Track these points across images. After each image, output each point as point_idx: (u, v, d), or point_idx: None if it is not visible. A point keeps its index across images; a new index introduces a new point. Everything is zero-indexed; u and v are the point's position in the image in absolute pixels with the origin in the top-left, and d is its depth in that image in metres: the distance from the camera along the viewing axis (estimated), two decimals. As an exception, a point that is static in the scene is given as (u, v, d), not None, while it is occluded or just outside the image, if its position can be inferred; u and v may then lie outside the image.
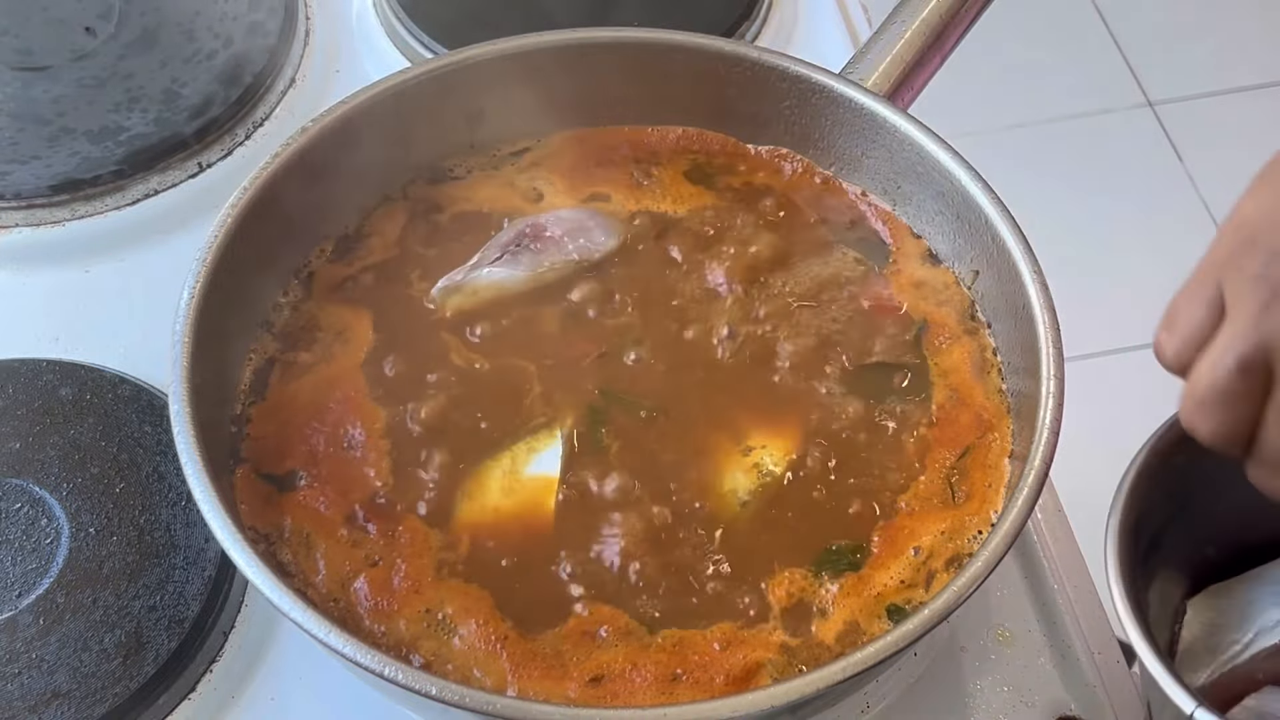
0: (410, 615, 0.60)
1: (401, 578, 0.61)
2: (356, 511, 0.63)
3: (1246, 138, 2.20)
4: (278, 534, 0.62)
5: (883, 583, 0.61)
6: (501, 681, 0.58)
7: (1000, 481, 0.63)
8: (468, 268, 0.71)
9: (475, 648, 0.59)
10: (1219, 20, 2.36)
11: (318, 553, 0.61)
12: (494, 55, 0.73)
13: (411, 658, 0.58)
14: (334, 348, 0.68)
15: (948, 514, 0.63)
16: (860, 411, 0.66)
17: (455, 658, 0.59)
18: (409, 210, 0.74)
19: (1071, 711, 0.66)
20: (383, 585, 0.60)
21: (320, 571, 0.61)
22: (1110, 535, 0.63)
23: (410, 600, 0.60)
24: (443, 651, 0.59)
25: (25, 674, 0.64)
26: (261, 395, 0.67)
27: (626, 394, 0.67)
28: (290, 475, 0.64)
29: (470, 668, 0.58)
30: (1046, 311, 0.63)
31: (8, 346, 0.77)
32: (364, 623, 0.60)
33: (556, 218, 0.73)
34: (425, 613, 0.60)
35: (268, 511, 0.63)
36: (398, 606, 0.60)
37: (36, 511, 0.69)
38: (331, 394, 0.66)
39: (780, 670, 0.58)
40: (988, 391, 0.67)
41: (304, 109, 0.89)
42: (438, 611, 0.60)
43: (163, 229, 0.83)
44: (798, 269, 0.72)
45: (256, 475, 0.64)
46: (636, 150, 0.77)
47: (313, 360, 0.68)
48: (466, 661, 0.58)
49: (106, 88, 0.87)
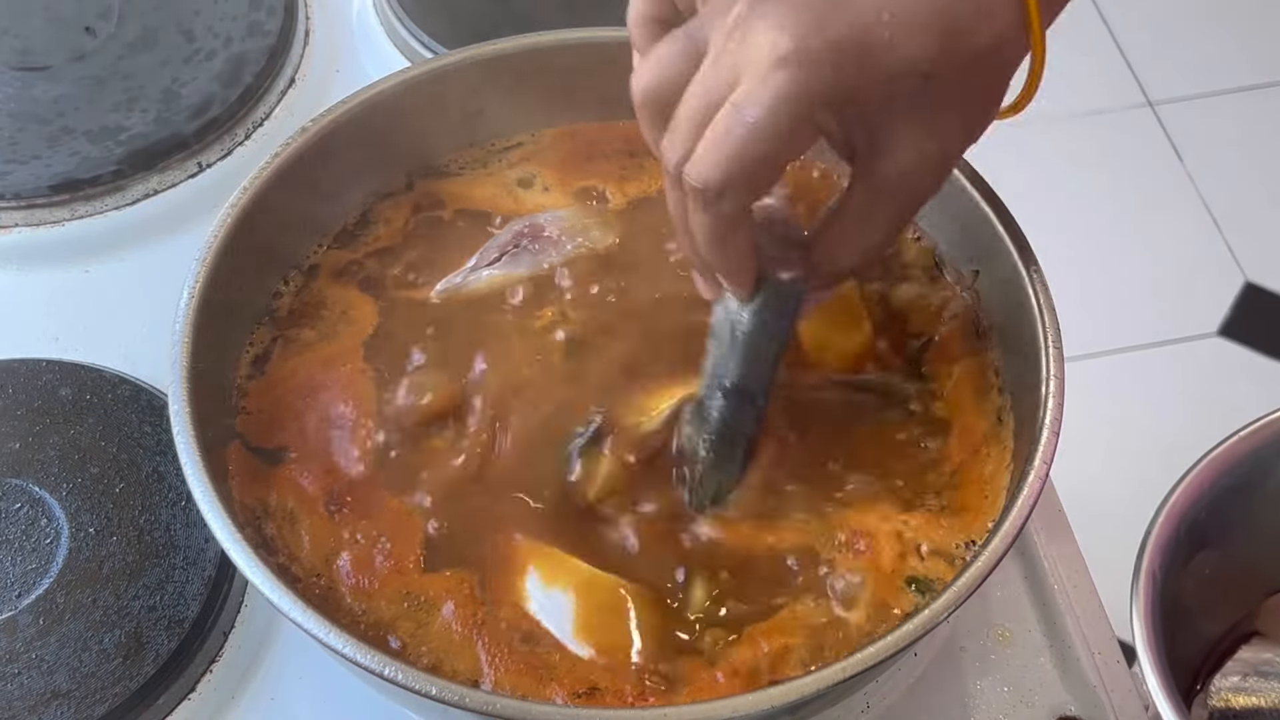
0: (391, 595, 0.60)
1: (384, 557, 0.61)
2: (339, 490, 0.63)
3: (1246, 138, 2.21)
4: (263, 508, 0.62)
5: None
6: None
7: (998, 491, 0.63)
8: (467, 270, 0.71)
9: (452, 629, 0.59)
10: (1219, 20, 2.36)
11: (302, 529, 0.62)
12: (494, 55, 0.73)
13: (389, 639, 0.59)
14: (338, 326, 0.69)
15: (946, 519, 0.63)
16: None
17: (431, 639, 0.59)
18: (412, 204, 0.74)
19: (1071, 711, 0.66)
20: (365, 564, 0.61)
21: (305, 547, 0.61)
22: (1137, 588, 0.63)
23: (391, 580, 0.60)
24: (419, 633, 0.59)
25: (25, 674, 0.64)
26: (261, 371, 0.67)
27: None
28: (280, 450, 0.64)
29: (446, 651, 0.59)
30: (1046, 312, 0.63)
31: (7, 346, 0.77)
32: (345, 600, 0.60)
33: (553, 217, 0.73)
34: (406, 594, 0.60)
35: (255, 486, 0.63)
36: (379, 585, 0.60)
37: (36, 511, 0.69)
38: (329, 372, 0.67)
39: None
40: (986, 410, 0.66)
41: (304, 109, 0.89)
42: (419, 595, 0.60)
43: (163, 229, 0.83)
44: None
45: (246, 449, 0.64)
46: (630, 144, 0.76)
47: (315, 338, 0.68)
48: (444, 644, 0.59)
49: (106, 88, 0.87)
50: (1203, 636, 0.72)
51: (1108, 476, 1.59)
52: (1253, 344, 1.95)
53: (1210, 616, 0.72)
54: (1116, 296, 1.99)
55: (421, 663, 0.58)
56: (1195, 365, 1.92)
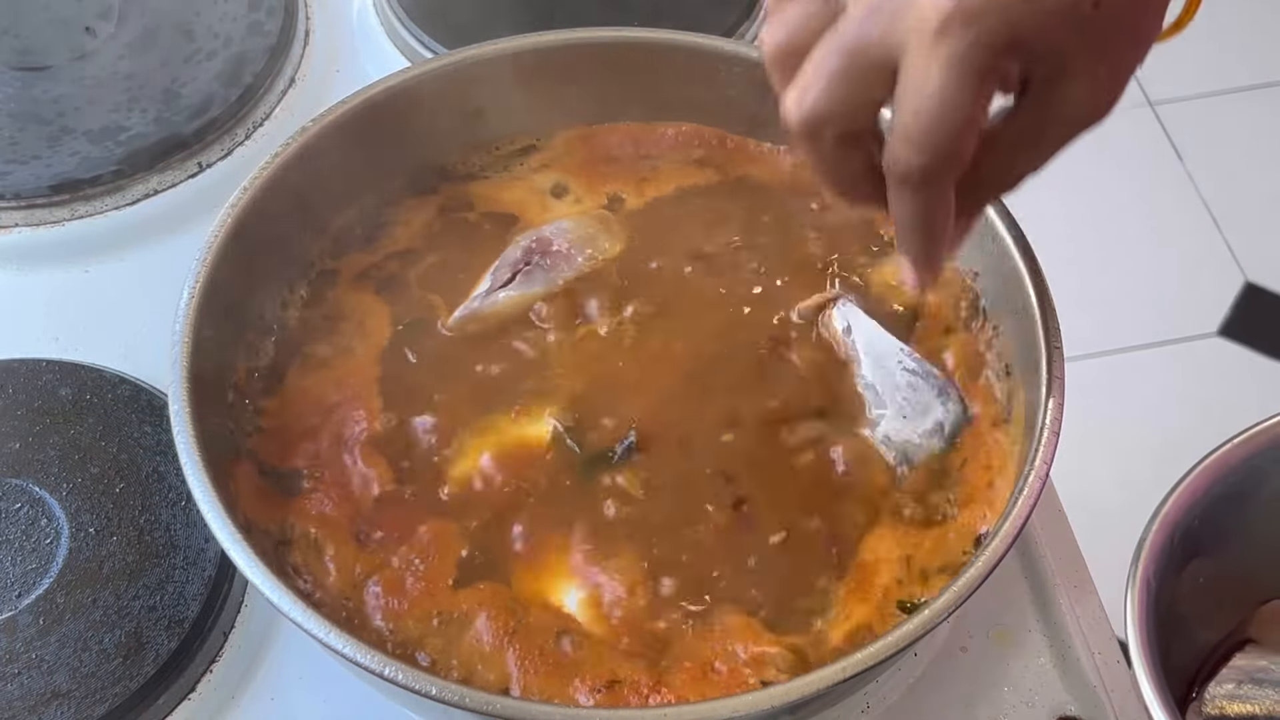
0: (419, 615, 0.60)
1: (415, 579, 0.61)
2: (364, 513, 0.63)
3: (1246, 138, 2.21)
4: (283, 535, 0.62)
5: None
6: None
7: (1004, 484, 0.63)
8: (483, 294, 0.70)
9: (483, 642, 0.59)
10: (1219, 20, 2.35)
11: (327, 555, 0.62)
12: (494, 55, 0.73)
13: (418, 656, 0.59)
14: (353, 341, 0.69)
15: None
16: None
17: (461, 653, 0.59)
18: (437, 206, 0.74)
19: (1071, 711, 0.66)
20: (396, 587, 0.60)
21: (331, 574, 0.61)
22: (1130, 602, 0.63)
23: (422, 602, 0.60)
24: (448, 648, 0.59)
25: (25, 674, 0.64)
26: (280, 382, 0.67)
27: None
28: (296, 473, 0.64)
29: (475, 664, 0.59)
30: (1047, 312, 0.63)
31: (7, 346, 0.77)
32: (373, 622, 0.60)
33: (559, 229, 0.72)
34: (436, 614, 0.60)
35: (271, 510, 0.63)
36: (408, 607, 0.60)
37: (36, 511, 0.69)
38: (344, 390, 0.67)
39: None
40: (986, 397, 0.66)
41: (304, 109, 0.89)
42: (451, 612, 0.60)
43: (163, 229, 0.83)
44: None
45: (260, 473, 0.64)
46: (639, 145, 0.76)
47: (330, 353, 0.68)
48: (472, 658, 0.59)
49: (106, 88, 0.87)
50: (1198, 644, 0.72)
51: (1108, 477, 1.59)
52: (1253, 344, 1.95)
53: (1205, 624, 0.72)
54: (1116, 296, 1.99)
55: (451, 677, 0.58)
56: (1195, 365, 1.92)
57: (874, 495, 0.64)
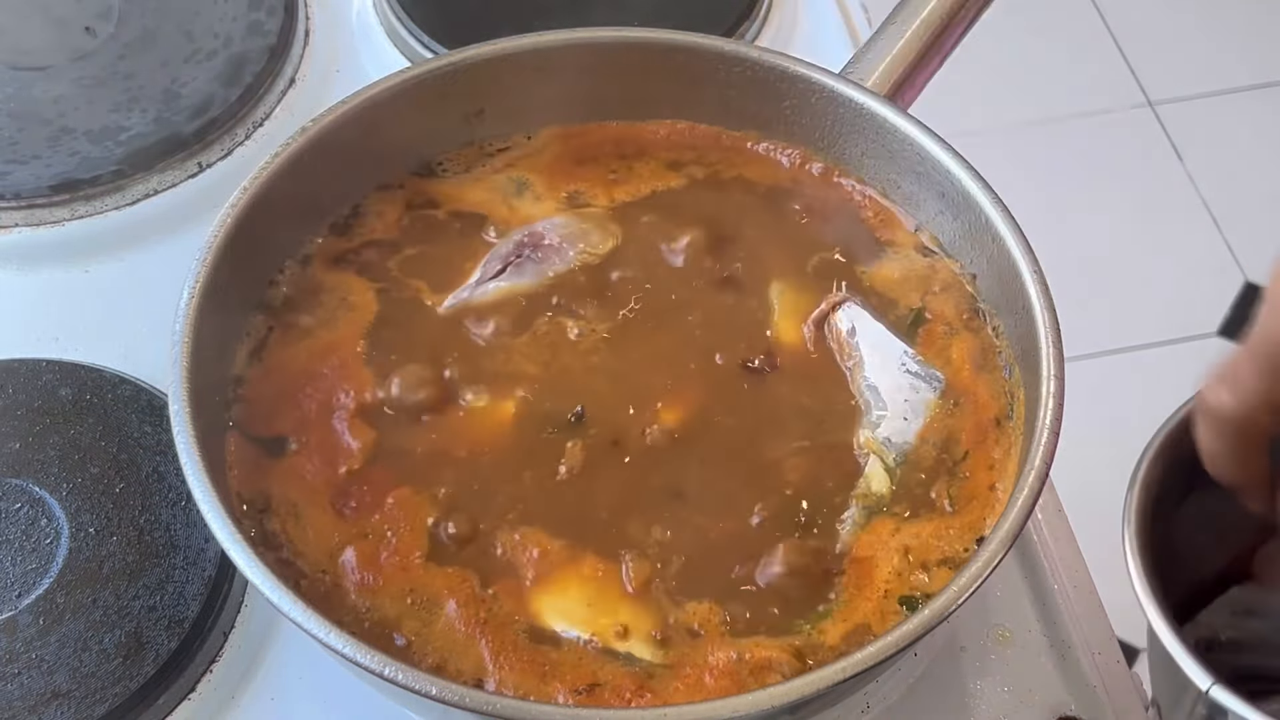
0: (395, 592, 0.60)
1: (390, 552, 0.61)
2: (343, 482, 0.63)
3: (1246, 138, 2.21)
4: (265, 502, 0.62)
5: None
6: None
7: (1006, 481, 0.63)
8: (473, 284, 0.70)
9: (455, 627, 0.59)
10: (1219, 20, 2.36)
11: (306, 523, 0.62)
12: (494, 55, 0.73)
13: (395, 636, 0.59)
14: (337, 313, 0.69)
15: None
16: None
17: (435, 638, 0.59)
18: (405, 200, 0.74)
19: (1071, 712, 0.66)
20: (370, 559, 0.61)
21: (310, 542, 0.61)
22: (1129, 514, 0.63)
23: (396, 576, 0.60)
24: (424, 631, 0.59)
25: (25, 674, 0.64)
26: (259, 359, 0.67)
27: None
28: (280, 439, 0.64)
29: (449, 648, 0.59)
30: (1046, 312, 0.63)
31: (7, 346, 0.77)
32: (350, 598, 0.60)
33: (551, 224, 0.72)
34: (410, 590, 0.60)
35: (256, 478, 0.63)
36: (384, 582, 0.60)
37: (36, 511, 0.69)
38: (328, 360, 0.67)
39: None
40: (993, 392, 0.66)
41: (304, 109, 0.88)
42: (423, 591, 0.60)
43: (163, 229, 0.83)
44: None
45: (245, 438, 0.64)
46: (621, 145, 0.76)
47: (314, 324, 0.68)
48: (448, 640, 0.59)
49: (106, 88, 0.87)
50: (1194, 581, 0.73)
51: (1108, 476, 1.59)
52: (1253, 344, 1.95)
53: (1202, 561, 0.73)
54: (1116, 296, 1.99)
55: (427, 662, 0.58)
56: (1195, 365, 1.92)
57: (871, 495, 0.64)
